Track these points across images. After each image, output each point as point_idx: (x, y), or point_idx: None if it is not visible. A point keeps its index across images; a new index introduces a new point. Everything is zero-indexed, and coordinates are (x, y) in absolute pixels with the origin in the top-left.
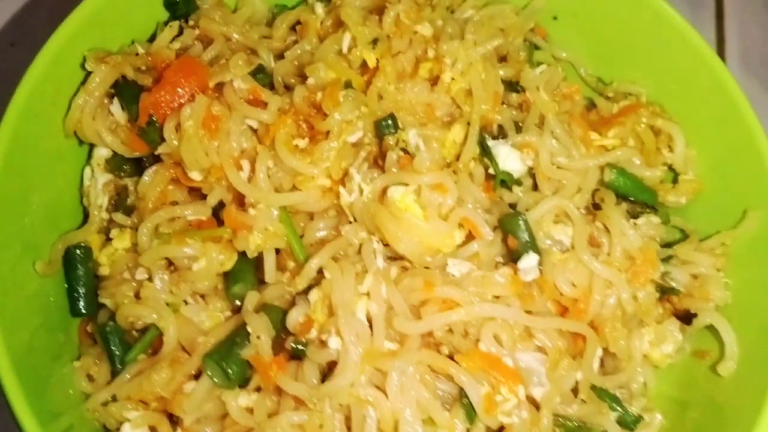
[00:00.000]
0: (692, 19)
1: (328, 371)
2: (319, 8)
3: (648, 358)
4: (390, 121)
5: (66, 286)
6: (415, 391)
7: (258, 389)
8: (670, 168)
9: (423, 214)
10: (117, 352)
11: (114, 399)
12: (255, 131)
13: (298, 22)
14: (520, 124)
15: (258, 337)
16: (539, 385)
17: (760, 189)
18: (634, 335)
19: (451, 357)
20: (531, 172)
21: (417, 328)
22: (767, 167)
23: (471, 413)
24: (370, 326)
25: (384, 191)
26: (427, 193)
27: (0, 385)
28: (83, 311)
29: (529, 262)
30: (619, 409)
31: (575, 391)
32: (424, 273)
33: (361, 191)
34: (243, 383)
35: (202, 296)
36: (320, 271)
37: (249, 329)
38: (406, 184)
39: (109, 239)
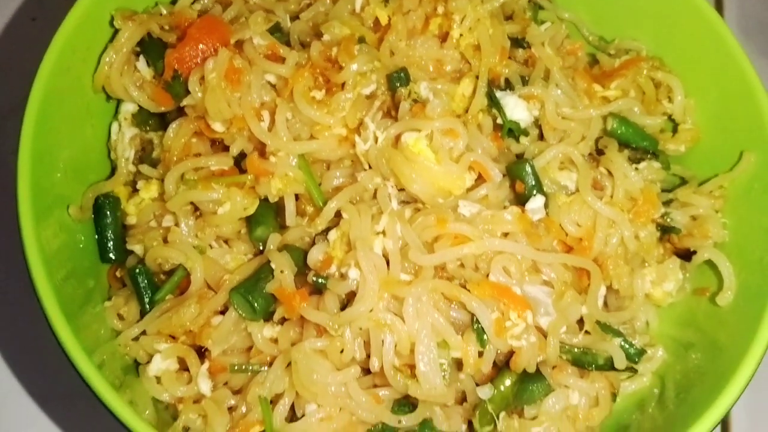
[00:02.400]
0: None
1: (347, 303)
2: None
3: (650, 298)
4: (402, 74)
5: (95, 234)
6: (430, 316)
7: (282, 322)
8: (670, 118)
9: (435, 158)
10: (146, 293)
11: (144, 335)
12: (273, 87)
13: None
14: (527, 78)
15: (282, 272)
16: (546, 315)
17: (755, 133)
18: (636, 275)
19: (463, 287)
20: (537, 124)
21: (431, 260)
22: (762, 111)
23: (482, 337)
24: (387, 262)
25: (397, 138)
26: (439, 138)
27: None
28: (112, 257)
29: (535, 203)
30: (623, 343)
31: (581, 325)
32: (436, 211)
33: (376, 139)
34: (268, 317)
35: (226, 241)
36: (338, 215)
37: (273, 265)
38: (419, 130)
39: (135, 191)
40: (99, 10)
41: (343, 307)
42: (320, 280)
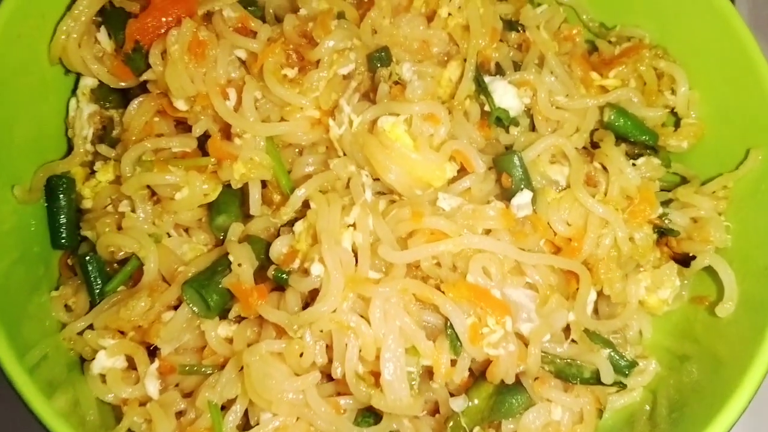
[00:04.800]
0: None
1: (310, 301)
2: None
3: (645, 306)
4: (383, 54)
5: (47, 217)
6: (398, 319)
7: (239, 320)
8: (673, 112)
9: (413, 145)
10: (96, 283)
11: (91, 329)
12: (243, 63)
13: None
14: (519, 64)
15: (239, 265)
16: (528, 321)
17: (764, 129)
18: (630, 280)
19: (438, 289)
20: (529, 113)
21: (403, 257)
22: None
23: (456, 344)
24: (356, 257)
25: (374, 123)
26: (418, 123)
27: None
28: (64, 243)
29: (522, 198)
30: (612, 353)
31: (567, 333)
32: (412, 203)
33: (351, 123)
34: (223, 314)
35: (186, 230)
36: (307, 205)
37: (231, 258)
38: (397, 114)
39: (93, 173)
40: None
41: (305, 306)
42: (281, 276)
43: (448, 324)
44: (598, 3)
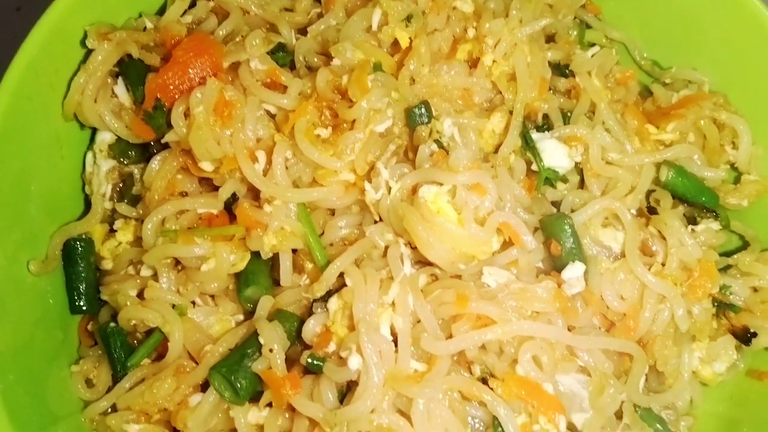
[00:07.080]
0: None
1: (347, 389)
2: None
3: (697, 375)
4: (423, 110)
5: (65, 282)
6: (443, 419)
7: (269, 404)
8: (732, 167)
9: (457, 218)
10: (119, 356)
11: (114, 408)
12: (273, 116)
13: None
14: (568, 113)
15: (271, 350)
16: (581, 410)
17: None
18: (683, 350)
19: (484, 379)
20: (578, 167)
21: (447, 348)
22: None
23: None
24: (395, 341)
25: (414, 190)
26: (463, 194)
27: None
28: (83, 309)
29: (574, 272)
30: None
31: (618, 412)
32: (456, 285)
33: (389, 189)
34: (253, 397)
35: (212, 296)
36: (341, 274)
37: (261, 340)
38: (440, 184)
39: (112, 230)
40: (70, 25)
41: (342, 395)
42: (316, 363)
43: (496, 422)
44: (652, 40)
